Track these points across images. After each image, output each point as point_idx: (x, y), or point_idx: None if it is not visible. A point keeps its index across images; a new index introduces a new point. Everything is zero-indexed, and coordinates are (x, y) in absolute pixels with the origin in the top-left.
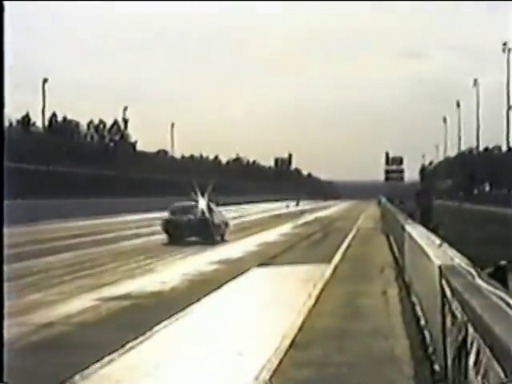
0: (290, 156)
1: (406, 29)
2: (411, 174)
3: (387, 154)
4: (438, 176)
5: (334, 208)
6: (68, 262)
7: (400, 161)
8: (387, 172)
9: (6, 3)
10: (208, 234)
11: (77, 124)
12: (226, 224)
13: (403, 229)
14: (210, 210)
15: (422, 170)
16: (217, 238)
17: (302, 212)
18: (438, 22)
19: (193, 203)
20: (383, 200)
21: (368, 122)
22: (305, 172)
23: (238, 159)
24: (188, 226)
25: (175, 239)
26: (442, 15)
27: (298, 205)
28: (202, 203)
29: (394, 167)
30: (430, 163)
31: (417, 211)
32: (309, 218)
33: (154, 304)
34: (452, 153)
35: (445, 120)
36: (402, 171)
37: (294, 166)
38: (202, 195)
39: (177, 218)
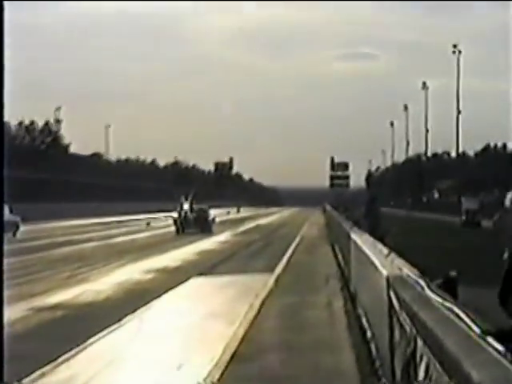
0: (231, 160)
1: (352, 28)
2: (357, 180)
3: (332, 159)
4: (385, 182)
5: (277, 215)
6: None
7: (345, 166)
8: (332, 178)
9: (5, 3)
10: (207, 226)
11: (4, 124)
12: (213, 220)
13: (349, 237)
14: (205, 209)
15: (368, 176)
16: (212, 229)
17: (244, 219)
18: (387, 22)
19: (199, 206)
20: (328, 207)
21: (313, 125)
22: (246, 177)
23: (176, 163)
24: (193, 221)
25: (182, 231)
26: (391, 15)
27: (239, 211)
28: (186, 205)
29: (339, 173)
30: (377, 169)
31: (364, 219)
32: (250, 225)
33: (86, 315)
34: (400, 158)
35: (392, 124)
36: (347, 177)
37: (235, 170)
38: (186, 199)
39: (184, 215)
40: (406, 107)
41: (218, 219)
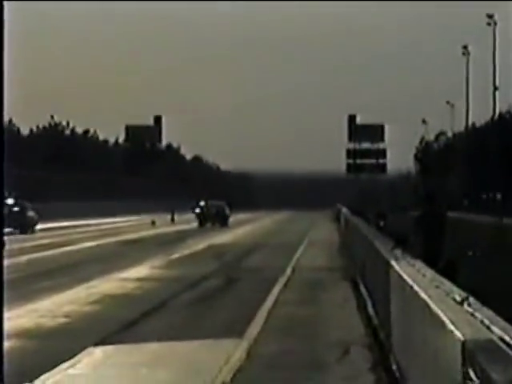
0: (158, 121)
1: None
2: (397, 159)
3: (351, 120)
4: (453, 163)
5: (249, 227)
6: None
7: (378, 132)
8: (352, 155)
9: (5, 3)
10: (225, 221)
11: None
12: (229, 214)
13: (387, 269)
14: (222, 206)
15: (422, 150)
16: (228, 223)
17: (184, 234)
18: None
19: (216, 202)
20: (345, 211)
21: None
22: (188, 155)
23: (52, 126)
24: (213, 216)
25: (204, 224)
26: None
27: (173, 220)
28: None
29: (365, 146)
30: (437, 137)
31: (415, 234)
32: (196, 246)
33: None
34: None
35: (465, 50)
36: (382, 153)
37: (165, 141)
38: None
39: (206, 211)
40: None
41: (130, 235)
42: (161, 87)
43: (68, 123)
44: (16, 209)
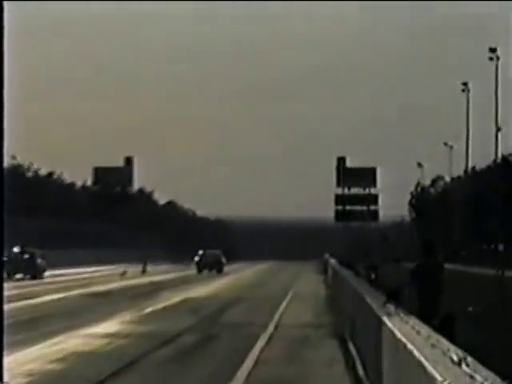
0: (129, 162)
1: None
2: (390, 205)
3: (341, 162)
4: (451, 210)
5: (231, 278)
6: None
7: (369, 176)
8: (341, 201)
9: (5, 3)
10: (221, 268)
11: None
12: (225, 262)
13: (379, 327)
14: (218, 254)
15: (417, 196)
16: (223, 269)
17: (156, 287)
18: None
19: (213, 251)
20: (333, 263)
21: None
22: (162, 199)
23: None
24: (211, 264)
25: (202, 270)
26: None
27: (144, 271)
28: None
29: (355, 192)
30: (433, 183)
31: (408, 285)
32: (171, 299)
33: None
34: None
35: (465, 87)
36: (373, 199)
37: (137, 185)
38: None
39: (205, 259)
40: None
41: (96, 287)
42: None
43: (31, 164)
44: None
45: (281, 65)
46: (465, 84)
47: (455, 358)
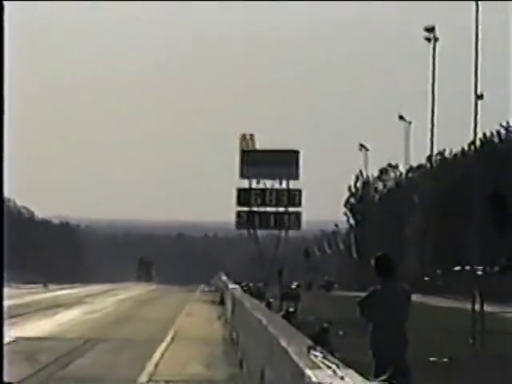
0: None
1: None
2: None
3: (246, 141)
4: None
5: (81, 310)
6: None
7: (291, 160)
8: (244, 198)
9: (5, 3)
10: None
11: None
12: None
13: (301, 382)
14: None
15: (361, 193)
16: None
17: None
18: None
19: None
20: (233, 288)
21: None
22: None
23: None
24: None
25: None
26: None
27: None
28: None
29: (268, 183)
30: (357, 178)
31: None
32: None
33: None
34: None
35: None
36: (294, 196)
37: None
38: None
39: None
40: None
41: None
42: None
43: None
44: None
45: None
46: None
47: None
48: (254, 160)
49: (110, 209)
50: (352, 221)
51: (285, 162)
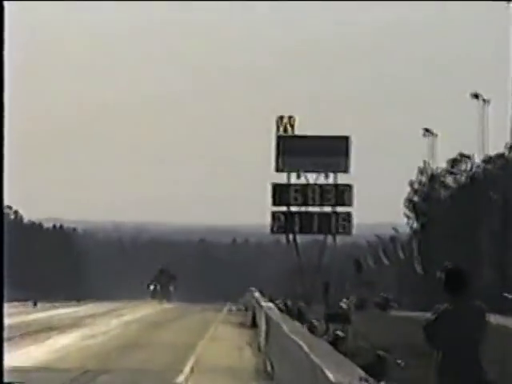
0: None
1: None
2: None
3: (284, 125)
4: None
5: (78, 334)
6: None
7: (340, 149)
8: (281, 196)
9: (5, 3)
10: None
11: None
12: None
13: None
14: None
15: (427, 189)
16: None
17: None
18: None
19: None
20: (266, 307)
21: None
22: None
23: None
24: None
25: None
26: None
27: None
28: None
29: (311, 178)
30: (422, 171)
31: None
32: None
33: None
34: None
35: None
36: (342, 194)
37: None
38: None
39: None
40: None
41: None
42: None
43: None
44: None
45: None
46: None
47: None
48: (293, 148)
49: (114, 209)
50: (415, 224)
51: (332, 150)
